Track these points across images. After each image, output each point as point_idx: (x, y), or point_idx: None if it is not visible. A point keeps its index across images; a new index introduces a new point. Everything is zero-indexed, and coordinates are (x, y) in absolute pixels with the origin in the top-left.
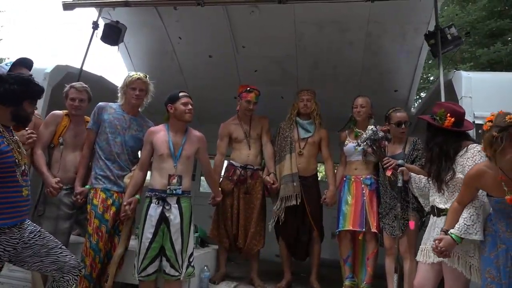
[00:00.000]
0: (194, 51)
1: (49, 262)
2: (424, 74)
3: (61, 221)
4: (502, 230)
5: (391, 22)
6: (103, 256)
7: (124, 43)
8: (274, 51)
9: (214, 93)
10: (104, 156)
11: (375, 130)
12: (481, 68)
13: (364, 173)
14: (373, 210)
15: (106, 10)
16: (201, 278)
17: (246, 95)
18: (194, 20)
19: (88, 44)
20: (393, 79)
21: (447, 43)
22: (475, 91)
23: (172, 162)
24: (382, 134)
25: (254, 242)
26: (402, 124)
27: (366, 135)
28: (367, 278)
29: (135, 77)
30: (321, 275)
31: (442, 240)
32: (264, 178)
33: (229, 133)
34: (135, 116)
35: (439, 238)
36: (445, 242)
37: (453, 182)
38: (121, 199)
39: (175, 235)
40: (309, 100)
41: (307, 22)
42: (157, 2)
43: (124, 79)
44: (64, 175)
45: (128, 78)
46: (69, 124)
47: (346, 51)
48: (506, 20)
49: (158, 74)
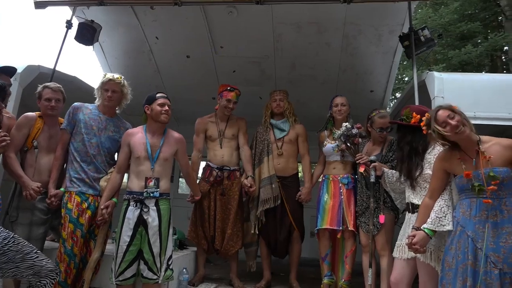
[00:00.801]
0: (172, 51)
1: (25, 268)
2: (399, 75)
3: (35, 227)
4: (462, 211)
5: (367, 24)
6: (78, 261)
7: (99, 43)
8: (252, 52)
9: (192, 93)
10: (80, 158)
11: (349, 127)
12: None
13: (341, 173)
14: (350, 209)
15: (80, 9)
16: (179, 280)
17: (227, 93)
18: (172, 19)
19: (62, 44)
20: (369, 79)
21: (421, 44)
22: (447, 91)
23: (150, 164)
24: (356, 131)
25: (231, 243)
26: (384, 130)
27: (341, 131)
28: (345, 276)
29: (107, 78)
30: (300, 274)
31: (416, 235)
32: (242, 181)
33: (205, 129)
34: (111, 117)
35: (412, 234)
36: (418, 237)
37: (422, 178)
38: (97, 202)
39: (153, 238)
40: (281, 99)
41: (285, 23)
42: (133, 1)
43: (100, 80)
44: (39, 179)
45: (102, 79)
46: (43, 126)
47: (323, 52)
48: (476, 23)
49: (135, 75)
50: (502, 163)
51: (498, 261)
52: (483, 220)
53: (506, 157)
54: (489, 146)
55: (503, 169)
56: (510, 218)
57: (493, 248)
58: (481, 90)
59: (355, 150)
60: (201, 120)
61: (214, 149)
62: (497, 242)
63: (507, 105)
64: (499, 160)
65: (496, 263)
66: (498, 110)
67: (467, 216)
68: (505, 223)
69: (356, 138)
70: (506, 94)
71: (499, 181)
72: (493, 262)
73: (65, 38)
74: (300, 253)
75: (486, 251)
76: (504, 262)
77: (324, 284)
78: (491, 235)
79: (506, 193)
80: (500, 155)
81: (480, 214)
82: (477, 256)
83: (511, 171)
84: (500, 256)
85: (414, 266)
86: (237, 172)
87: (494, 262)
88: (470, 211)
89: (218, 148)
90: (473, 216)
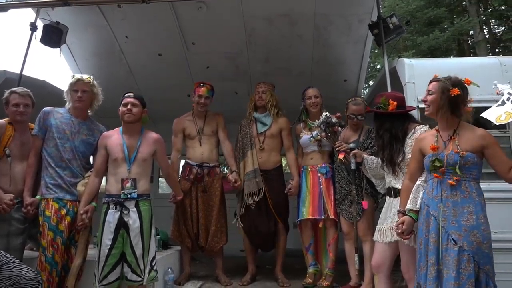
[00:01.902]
0: (143, 50)
1: (2, 279)
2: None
3: (13, 237)
4: (427, 191)
5: (336, 14)
6: (60, 269)
7: (67, 45)
8: (225, 47)
9: (167, 92)
10: (54, 164)
11: (329, 116)
12: (423, 54)
13: (319, 163)
14: (330, 198)
15: (45, 11)
16: (165, 280)
17: (198, 89)
18: (141, 18)
19: (27, 47)
20: (342, 69)
21: (390, 32)
22: (417, 76)
23: (126, 166)
24: (335, 120)
25: (216, 239)
26: (355, 117)
27: (320, 120)
28: (330, 264)
29: (76, 79)
30: (285, 265)
31: (404, 222)
32: (227, 177)
33: (183, 128)
34: (84, 120)
35: (401, 221)
36: (406, 223)
37: (405, 163)
38: (75, 208)
39: (135, 240)
40: (264, 92)
41: (256, 16)
42: (99, 1)
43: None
44: (15, 188)
45: (70, 80)
46: (14, 133)
47: (296, 44)
48: (442, 8)
49: (107, 76)
50: (469, 148)
51: (459, 239)
52: (444, 199)
53: (474, 144)
54: (465, 132)
55: (468, 153)
56: (470, 198)
57: (455, 226)
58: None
59: (334, 138)
60: (178, 120)
61: (194, 146)
62: (459, 220)
63: (475, 88)
64: (467, 145)
65: (456, 240)
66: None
67: (430, 195)
68: (466, 202)
69: (336, 127)
70: (473, 77)
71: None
72: (454, 240)
73: (30, 41)
74: (285, 245)
75: (448, 229)
76: (465, 240)
77: (310, 273)
78: (452, 214)
79: (466, 175)
80: (469, 141)
81: (441, 193)
82: (440, 234)
83: (475, 157)
84: (461, 234)
85: (394, 248)
86: (217, 168)
87: (455, 239)
88: (432, 191)
89: (198, 145)
90: (435, 196)
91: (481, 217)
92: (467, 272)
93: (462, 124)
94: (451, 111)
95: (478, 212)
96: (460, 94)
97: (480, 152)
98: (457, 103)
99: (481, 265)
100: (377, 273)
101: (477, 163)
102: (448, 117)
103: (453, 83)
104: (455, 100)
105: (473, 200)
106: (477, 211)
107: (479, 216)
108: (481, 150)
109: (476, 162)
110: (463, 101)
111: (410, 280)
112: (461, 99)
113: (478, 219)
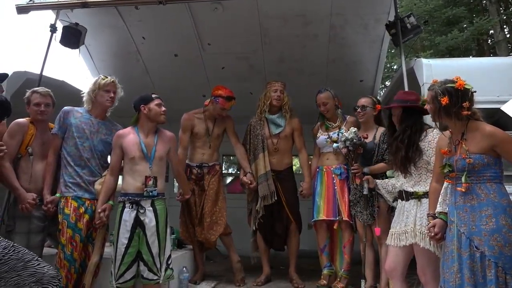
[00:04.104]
0: (159, 50)
1: (27, 275)
2: (388, 63)
3: (34, 235)
4: (448, 198)
5: (352, 13)
6: (78, 266)
7: (86, 46)
8: (240, 47)
9: (182, 92)
10: (73, 162)
11: (357, 133)
12: (441, 55)
13: (334, 163)
14: (344, 199)
15: (64, 12)
16: (180, 279)
17: (224, 102)
18: (157, 19)
19: (47, 48)
20: (358, 69)
21: (407, 32)
22: (435, 77)
23: (147, 164)
24: (362, 140)
25: (212, 231)
26: (357, 108)
27: (349, 135)
28: (345, 266)
29: (110, 80)
30: (299, 266)
31: (436, 225)
32: (241, 179)
33: (192, 125)
34: (103, 120)
35: (432, 224)
36: (438, 226)
37: (420, 162)
38: (94, 206)
39: (151, 238)
40: (282, 91)
41: (271, 16)
42: (117, 2)
43: (94, 83)
44: (35, 187)
45: (101, 81)
46: (36, 132)
47: (311, 44)
48: (461, 8)
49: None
50: (478, 150)
51: (480, 244)
52: (461, 204)
53: (483, 144)
54: (473, 134)
55: (476, 156)
56: (488, 201)
57: (475, 231)
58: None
59: (354, 159)
60: (188, 117)
61: (197, 146)
62: (479, 225)
63: (495, 88)
64: (476, 147)
65: (478, 246)
66: (487, 94)
67: (449, 201)
68: (483, 206)
69: (359, 148)
70: (493, 78)
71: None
72: (476, 246)
73: (50, 42)
74: (298, 246)
75: (469, 235)
76: (485, 245)
77: (324, 275)
78: (471, 219)
79: (480, 178)
80: (477, 143)
81: (458, 199)
82: (461, 240)
83: (484, 158)
84: (482, 239)
85: (408, 252)
86: (217, 166)
87: (477, 245)
88: (450, 197)
89: (203, 146)
90: (453, 202)
91: (501, 219)
92: (488, 278)
93: (470, 125)
94: (451, 117)
95: (499, 214)
96: (447, 102)
97: (492, 151)
98: (448, 111)
99: (507, 270)
100: (391, 278)
101: (490, 164)
102: (451, 122)
103: (442, 91)
104: (447, 109)
105: (491, 202)
106: (496, 213)
107: (499, 218)
108: (491, 149)
109: (488, 163)
110: (456, 106)
111: (427, 284)
112: (452, 105)
113: (498, 222)
